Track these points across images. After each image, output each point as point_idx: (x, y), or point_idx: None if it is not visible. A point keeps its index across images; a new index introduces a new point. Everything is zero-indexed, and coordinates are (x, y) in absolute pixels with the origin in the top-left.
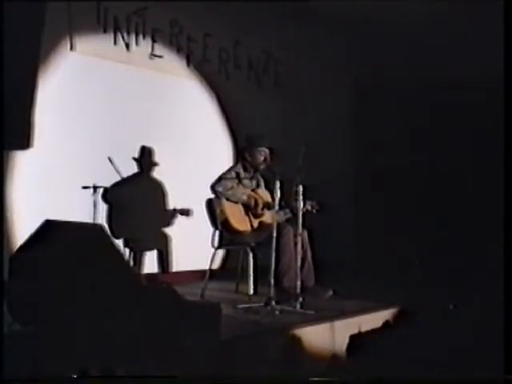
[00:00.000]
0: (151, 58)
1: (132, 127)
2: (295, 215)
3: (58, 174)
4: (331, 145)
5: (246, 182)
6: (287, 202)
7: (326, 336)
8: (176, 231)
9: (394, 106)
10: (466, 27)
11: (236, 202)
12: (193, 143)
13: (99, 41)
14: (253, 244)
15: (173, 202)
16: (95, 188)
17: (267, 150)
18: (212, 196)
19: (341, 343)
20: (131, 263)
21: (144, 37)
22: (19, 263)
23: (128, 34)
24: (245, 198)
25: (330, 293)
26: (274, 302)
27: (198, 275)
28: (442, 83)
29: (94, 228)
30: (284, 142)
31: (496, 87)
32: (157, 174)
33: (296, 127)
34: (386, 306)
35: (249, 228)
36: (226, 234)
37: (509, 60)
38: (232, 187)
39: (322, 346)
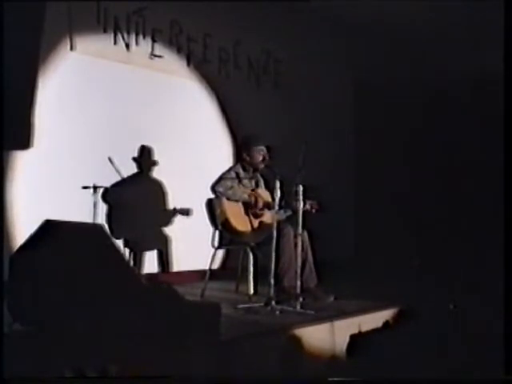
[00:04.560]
0: (151, 58)
1: (132, 127)
2: (295, 214)
3: (58, 174)
4: (331, 145)
5: (245, 181)
6: (287, 201)
7: (326, 336)
8: (176, 231)
9: (394, 106)
10: (467, 27)
11: (237, 201)
12: (193, 143)
13: (99, 41)
14: (253, 244)
15: (173, 202)
16: (95, 188)
17: (265, 149)
18: (212, 196)
19: (341, 343)
20: (131, 263)
21: (144, 37)
22: (19, 263)
23: (128, 33)
24: (246, 196)
25: (332, 298)
26: (274, 302)
27: (198, 275)
28: (442, 83)
29: (94, 228)
30: (284, 141)
31: (496, 87)
32: (156, 173)
33: (296, 127)
34: (385, 306)
35: (249, 228)
36: (226, 234)
37: (509, 60)
38: (232, 187)
39: (322, 346)
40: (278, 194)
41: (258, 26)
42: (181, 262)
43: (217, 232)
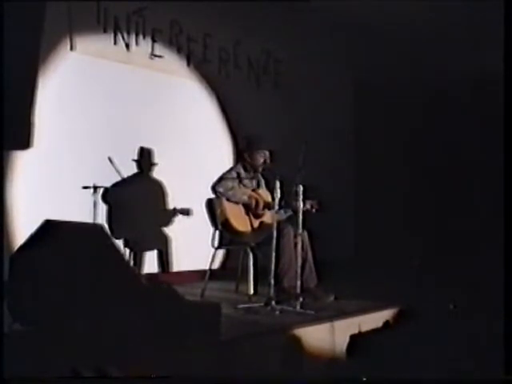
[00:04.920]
0: (151, 58)
1: (132, 127)
2: (295, 214)
3: (58, 174)
4: (331, 145)
5: (246, 182)
6: (287, 201)
7: (326, 336)
8: (176, 231)
9: (394, 106)
10: (467, 27)
11: (237, 203)
12: (193, 143)
13: (99, 41)
14: (253, 244)
15: (173, 202)
16: (95, 188)
17: (267, 152)
18: (212, 196)
19: (341, 343)
20: (131, 263)
21: (144, 37)
22: (19, 263)
23: (128, 33)
24: (245, 198)
25: (332, 298)
26: (274, 302)
27: (198, 275)
28: (442, 83)
29: (94, 228)
30: (284, 142)
31: (496, 87)
32: (156, 173)
33: (296, 127)
34: (385, 306)
35: (249, 228)
36: (226, 234)
37: (509, 60)
38: (233, 187)
39: (321, 346)
40: (278, 194)
41: (258, 26)
42: (181, 262)
43: (217, 232)
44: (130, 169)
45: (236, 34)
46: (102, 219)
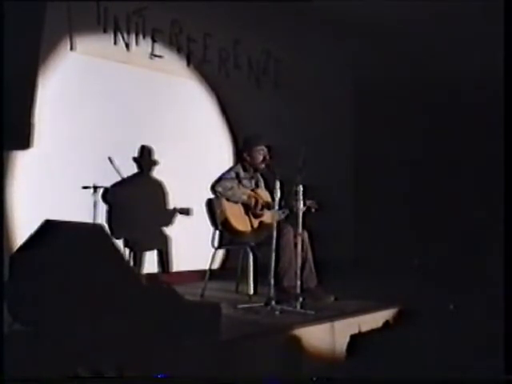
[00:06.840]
0: (151, 58)
1: (132, 127)
2: (294, 214)
3: (58, 173)
4: (331, 145)
5: (245, 181)
6: (287, 202)
7: (326, 336)
8: (176, 231)
9: (394, 106)
10: (467, 27)
11: (236, 202)
12: (193, 143)
13: (99, 41)
14: (253, 244)
15: (173, 202)
16: (95, 188)
17: (266, 149)
18: (212, 196)
19: (341, 343)
20: (131, 263)
21: (144, 37)
22: (19, 263)
23: (128, 33)
24: (245, 197)
25: (332, 298)
26: (274, 302)
27: (198, 275)
28: (442, 83)
29: (94, 228)
30: (284, 141)
31: (496, 87)
32: (157, 173)
33: (296, 127)
34: (386, 306)
35: (249, 228)
36: (226, 234)
37: (509, 60)
38: (232, 187)
39: (322, 346)
40: (278, 194)
41: (257, 26)
42: (181, 261)
43: (217, 232)
44: (130, 169)
45: (236, 34)
46: (101, 219)
